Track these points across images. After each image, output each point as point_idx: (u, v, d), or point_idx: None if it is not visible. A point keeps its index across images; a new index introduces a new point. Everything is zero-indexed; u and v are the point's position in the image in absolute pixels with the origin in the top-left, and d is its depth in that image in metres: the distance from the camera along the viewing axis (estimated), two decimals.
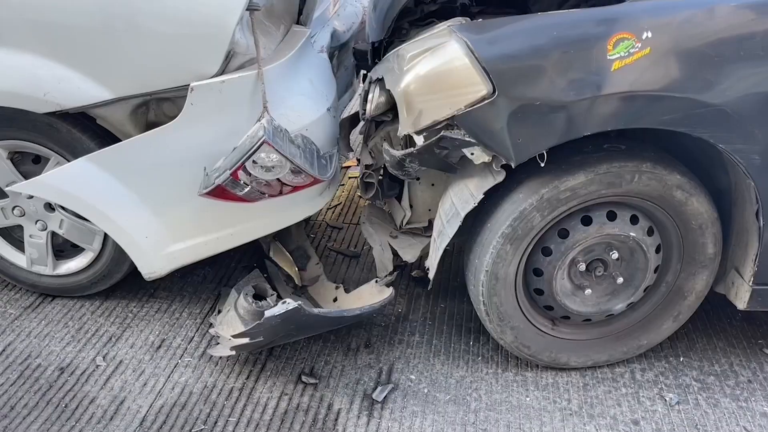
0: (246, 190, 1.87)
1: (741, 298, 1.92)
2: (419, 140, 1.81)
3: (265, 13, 2.08)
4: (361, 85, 3.21)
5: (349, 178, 3.31)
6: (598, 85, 1.58)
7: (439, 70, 1.69)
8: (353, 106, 4.13)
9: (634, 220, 1.86)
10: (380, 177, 2.24)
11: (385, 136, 2.13)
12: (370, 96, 2.01)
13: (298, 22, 2.26)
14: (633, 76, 1.58)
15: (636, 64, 1.58)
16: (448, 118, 1.69)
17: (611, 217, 1.85)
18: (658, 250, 1.92)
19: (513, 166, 1.67)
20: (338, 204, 3.09)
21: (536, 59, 1.60)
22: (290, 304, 1.79)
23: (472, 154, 1.75)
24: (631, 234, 1.85)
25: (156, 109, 2.01)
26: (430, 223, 2.28)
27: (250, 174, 1.83)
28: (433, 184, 2.20)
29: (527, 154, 1.65)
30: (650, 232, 1.89)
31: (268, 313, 1.80)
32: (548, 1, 2.11)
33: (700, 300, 2.01)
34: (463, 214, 1.82)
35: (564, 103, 1.59)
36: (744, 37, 1.57)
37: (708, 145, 1.68)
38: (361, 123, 2.42)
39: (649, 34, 1.57)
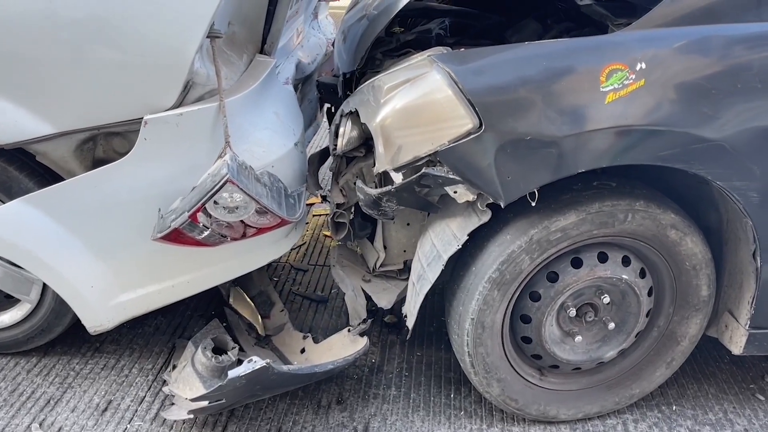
0: (206, 233, 1.69)
1: (736, 343, 1.82)
2: (397, 178, 1.67)
3: (227, 41, 1.92)
4: (325, 119, 3.10)
5: (314, 215, 3.14)
6: (591, 118, 1.48)
7: (419, 102, 1.56)
8: (322, 142, 4.00)
9: (625, 261, 1.75)
10: (351, 216, 2.09)
11: (358, 172, 1.98)
12: (341, 130, 1.87)
13: (261, 52, 2.11)
14: (628, 109, 1.48)
15: (631, 97, 1.48)
16: (430, 154, 1.55)
17: (602, 258, 1.73)
18: (650, 293, 1.81)
19: (502, 206, 1.54)
20: (303, 244, 2.91)
21: (525, 91, 1.49)
22: (257, 362, 1.60)
23: (455, 192, 1.61)
24: (624, 276, 1.74)
25: (104, 144, 1.82)
26: (406, 264, 2.13)
27: (210, 216, 1.65)
28: (408, 224, 2.06)
29: (517, 192, 1.52)
30: (642, 274, 1.78)
31: (231, 374, 1.59)
32: (528, 33, 2.02)
33: (694, 345, 1.90)
34: (445, 258, 1.68)
35: (556, 138, 1.48)
36: (741, 69, 1.49)
37: (697, 181, 1.59)
38: (331, 159, 2.28)
39: (644, 65, 1.48)
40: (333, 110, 2.98)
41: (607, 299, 1.78)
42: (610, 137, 1.48)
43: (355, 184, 2.00)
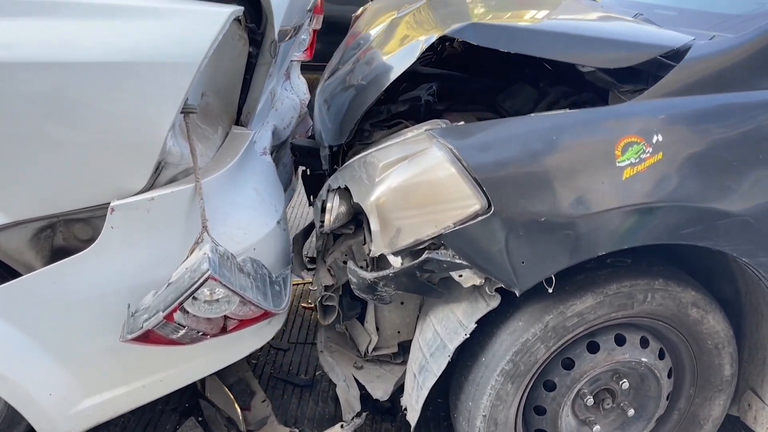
0: (182, 332, 1.50)
1: (762, 424, 1.70)
2: (396, 261, 1.52)
3: (201, 114, 1.77)
4: (301, 182, 2.95)
5: (292, 285, 2.94)
6: (609, 196, 1.36)
7: (419, 180, 1.42)
8: (299, 211, 3.83)
9: (644, 342, 1.62)
10: (339, 296, 1.92)
11: (347, 250, 1.82)
12: (328, 205, 1.72)
13: (237, 123, 1.96)
14: (647, 185, 1.37)
15: (649, 172, 1.37)
16: (433, 237, 1.41)
17: (620, 341, 1.60)
18: (669, 375, 1.68)
19: (517, 295, 1.40)
20: None
21: (536, 168, 1.37)
22: None
23: (461, 276, 1.47)
24: (643, 359, 1.60)
25: (64, 231, 1.63)
26: (400, 346, 1.96)
27: (188, 313, 1.46)
28: (402, 303, 1.89)
29: (533, 279, 1.38)
30: (661, 355, 1.65)
31: None
32: (522, 98, 1.92)
33: (717, 427, 1.77)
34: (452, 348, 1.52)
35: (573, 219, 1.35)
36: (762, 138, 1.40)
37: (712, 253, 1.48)
38: (314, 234, 2.13)
39: (660, 137, 1.38)
40: (308, 173, 2.85)
41: (626, 384, 1.64)
42: (630, 216, 1.37)
43: (344, 263, 1.84)
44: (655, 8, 1.83)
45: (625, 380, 1.63)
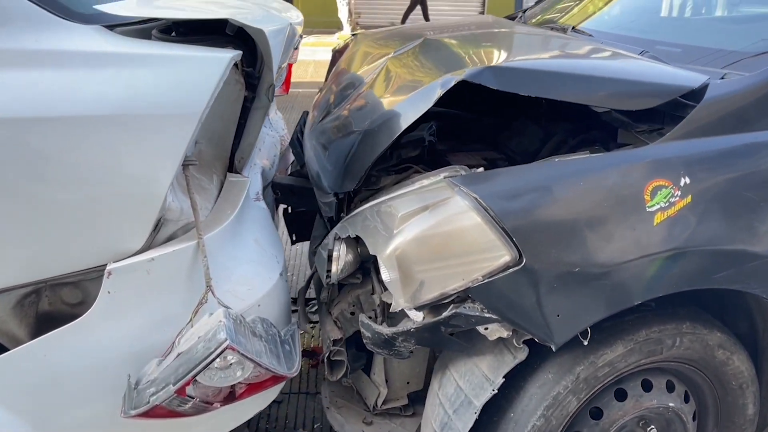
0: (189, 404, 1.38)
1: None
2: (416, 316, 1.44)
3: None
4: (283, 221, 2.84)
5: None
6: (642, 243, 1.32)
7: (443, 231, 1.35)
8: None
9: (669, 386, 1.58)
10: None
11: (354, 301, 1.74)
12: (335, 254, 1.64)
13: (230, 169, 1.86)
14: (678, 229, 1.33)
15: (679, 216, 1.34)
16: (459, 291, 1.34)
17: (646, 386, 1.55)
18: (694, 417, 1.64)
19: (554, 349, 1.33)
20: None
21: (565, 215, 1.32)
22: None
23: (486, 328, 1.40)
24: (670, 404, 1.56)
25: (51, 296, 1.49)
26: (409, 397, 1.87)
27: (197, 383, 1.34)
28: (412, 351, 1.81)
29: (569, 332, 1.33)
30: (686, 398, 1.61)
31: None
32: (529, 137, 1.88)
33: None
34: (479, 405, 1.45)
35: (607, 268, 1.30)
36: None
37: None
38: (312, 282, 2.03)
39: (687, 180, 1.35)
40: (290, 211, 2.75)
41: (653, 430, 1.58)
42: (665, 263, 1.33)
43: (351, 314, 1.76)
44: (657, 44, 1.82)
45: (652, 426, 1.58)
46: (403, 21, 12.70)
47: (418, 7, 12.80)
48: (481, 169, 1.45)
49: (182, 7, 1.68)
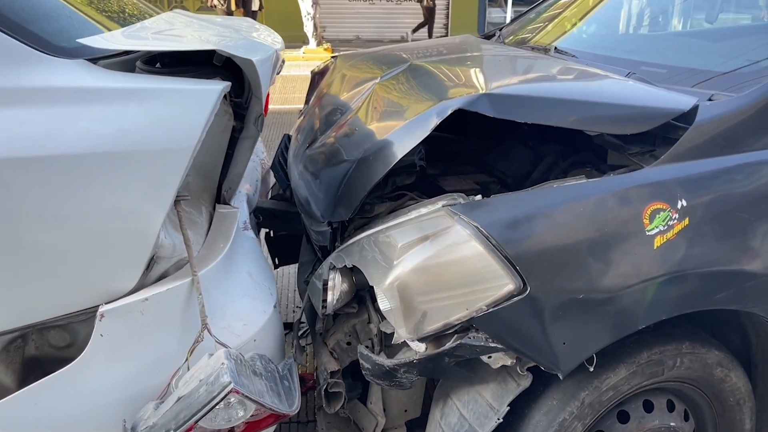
0: None
1: None
2: (418, 347, 1.42)
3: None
4: (265, 246, 2.80)
5: None
6: (644, 267, 1.32)
7: (445, 261, 1.34)
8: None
9: (669, 405, 1.58)
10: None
11: (350, 331, 1.71)
12: (330, 284, 1.61)
13: (218, 200, 1.82)
14: (678, 252, 1.34)
15: (678, 239, 1.34)
16: (463, 321, 1.33)
17: (648, 407, 1.55)
18: None
19: (561, 377, 1.32)
20: None
21: (567, 241, 1.31)
22: None
23: (490, 357, 1.39)
24: (671, 424, 1.56)
25: (37, 340, 1.43)
26: (407, 425, 1.85)
27: (199, 426, 1.30)
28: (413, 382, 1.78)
29: (576, 360, 1.32)
30: (686, 417, 1.62)
31: None
32: (518, 159, 1.88)
33: None
34: None
35: (611, 294, 1.30)
36: None
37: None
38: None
39: (684, 203, 1.36)
40: (272, 235, 2.71)
41: None
42: (667, 286, 1.33)
43: (348, 344, 1.73)
44: (642, 65, 1.85)
45: None
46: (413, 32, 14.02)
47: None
48: (479, 197, 1.44)
49: (168, 38, 1.64)
